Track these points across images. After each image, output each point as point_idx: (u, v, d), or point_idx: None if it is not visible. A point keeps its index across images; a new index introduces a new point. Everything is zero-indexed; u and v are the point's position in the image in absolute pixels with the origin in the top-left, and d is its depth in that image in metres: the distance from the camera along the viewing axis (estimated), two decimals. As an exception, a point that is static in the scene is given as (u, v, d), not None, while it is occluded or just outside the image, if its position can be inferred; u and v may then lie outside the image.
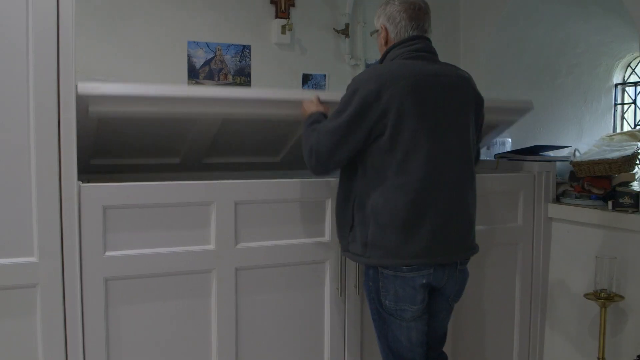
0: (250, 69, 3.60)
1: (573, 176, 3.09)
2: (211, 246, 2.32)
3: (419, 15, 2.17)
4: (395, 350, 2.21)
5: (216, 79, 3.56)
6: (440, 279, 2.16)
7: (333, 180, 2.45)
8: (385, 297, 2.15)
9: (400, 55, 2.14)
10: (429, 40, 2.20)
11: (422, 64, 2.12)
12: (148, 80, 3.25)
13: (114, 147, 2.58)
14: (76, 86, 2.04)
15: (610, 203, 2.83)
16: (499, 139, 3.57)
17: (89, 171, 2.60)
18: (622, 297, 2.68)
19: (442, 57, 2.24)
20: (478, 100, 2.26)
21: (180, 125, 2.48)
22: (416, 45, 2.15)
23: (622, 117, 3.94)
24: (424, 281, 2.12)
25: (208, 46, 3.54)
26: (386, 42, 2.21)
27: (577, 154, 3.25)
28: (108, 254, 2.16)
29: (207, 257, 2.31)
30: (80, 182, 2.10)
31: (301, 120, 2.34)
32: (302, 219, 2.47)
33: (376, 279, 2.16)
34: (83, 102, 2.13)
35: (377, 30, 2.27)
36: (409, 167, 2.05)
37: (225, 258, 2.34)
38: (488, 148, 3.55)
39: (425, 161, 2.06)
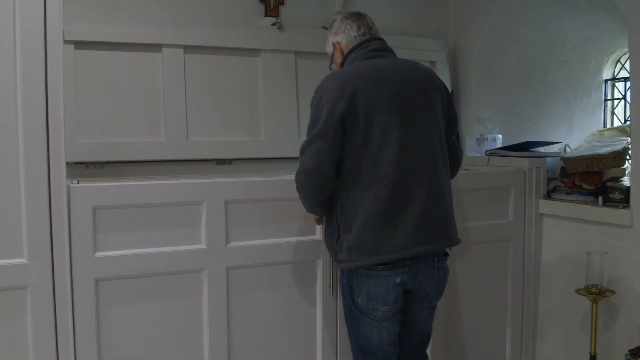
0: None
1: (564, 172, 3.11)
2: (202, 246, 2.31)
3: (360, 19, 2.24)
4: (366, 348, 2.21)
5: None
6: (415, 277, 2.13)
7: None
8: (358, 295, 2.14)
9: (358, 57, 2.17)
10: (383, 40, 2.24)
11: (382, 61, 2.14)
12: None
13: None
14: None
15: (600, 198, 2.84)
16: (489, 135, 3.57)
17: (77, 159, 2.69)
18: (613, 292, 2.69)
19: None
20: (444, 90, 2.24)
21: (149, 59, 2.91)
22: (373, 45, 2.19)
23: (612, 113, 3.95)
24: (398, 280, 2.09)
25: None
26: (342, 54, 2.25)
27: (567, 149, 3.26)
28: (98, 254, 2.15)
29: (197, 257, 2.31)
30: (69, 182, 2.09)
31: None
32: (293, 217, 2.47)
33: (350, 277, 2.16)
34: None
35: (332, 53, 2.32)
36: (383, 160, 2.04)
37: (216, 257, 2.33)
38: (479, 144, 3.56)
39: (398, 152, 2.05)
